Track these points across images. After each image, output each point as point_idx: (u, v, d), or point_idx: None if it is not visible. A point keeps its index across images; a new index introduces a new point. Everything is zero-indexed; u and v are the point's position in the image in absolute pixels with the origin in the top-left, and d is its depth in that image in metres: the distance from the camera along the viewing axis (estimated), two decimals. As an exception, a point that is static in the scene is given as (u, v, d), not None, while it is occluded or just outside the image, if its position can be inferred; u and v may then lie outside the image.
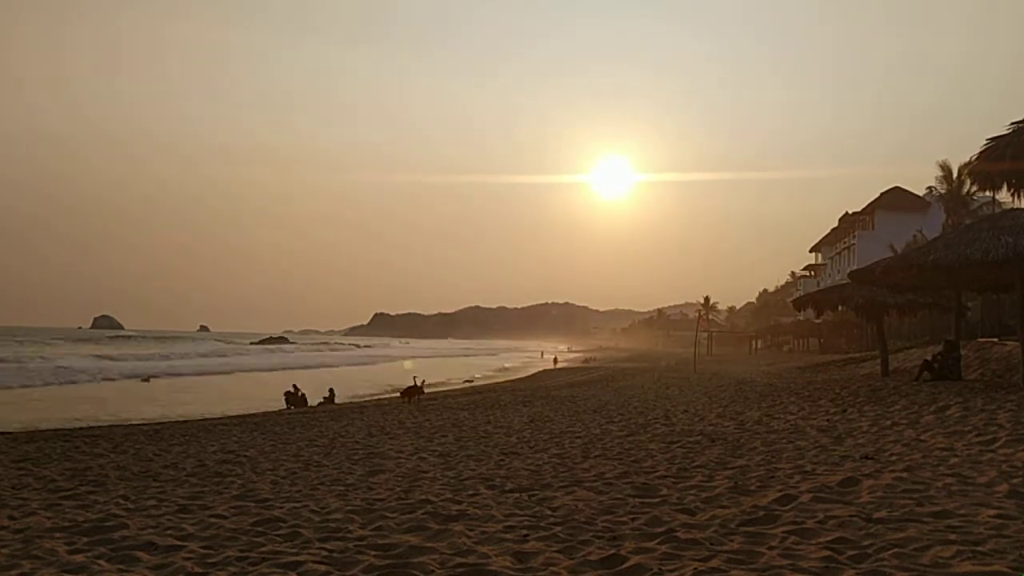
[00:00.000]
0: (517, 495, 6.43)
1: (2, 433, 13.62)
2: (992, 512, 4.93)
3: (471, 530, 5.19)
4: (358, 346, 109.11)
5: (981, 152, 19.03)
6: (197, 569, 4.46)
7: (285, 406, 20.82)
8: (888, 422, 10.11)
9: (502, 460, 8.60)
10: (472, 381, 34.47)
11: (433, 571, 4.28)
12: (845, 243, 65.61)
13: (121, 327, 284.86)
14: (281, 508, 6.18)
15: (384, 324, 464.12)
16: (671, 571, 4.09)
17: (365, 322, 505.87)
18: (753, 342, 74.79)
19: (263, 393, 25.30)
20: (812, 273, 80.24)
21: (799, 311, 30.90)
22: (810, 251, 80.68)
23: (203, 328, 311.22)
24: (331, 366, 49.70)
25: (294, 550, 4.83)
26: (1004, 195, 22.59)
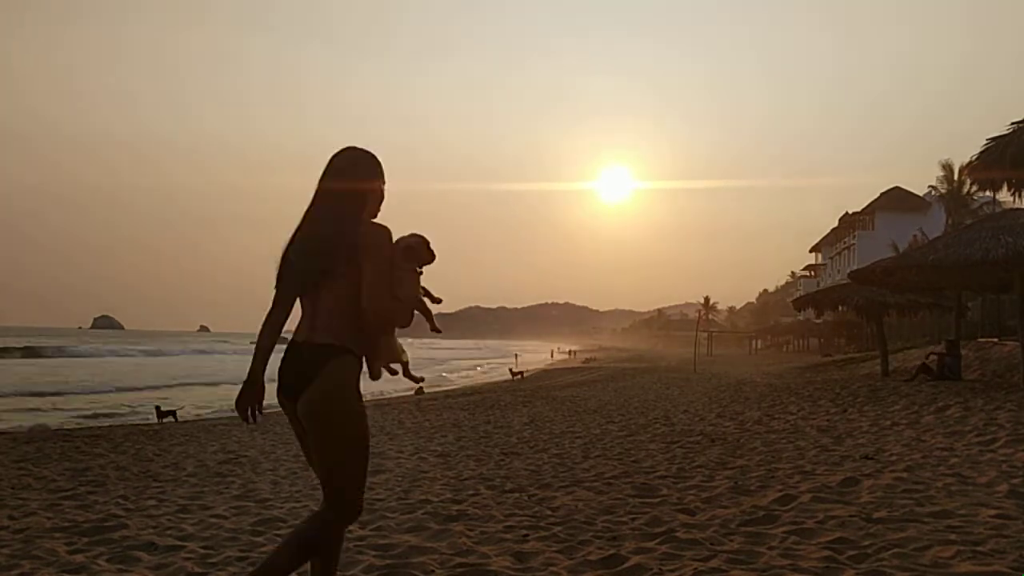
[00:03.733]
0: (517, 495, 6.43)
1: (2, 433, 13.63)
2: (992, 512, 4.93)
3: (471, 530, 5.18)
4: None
5: (981, 152, 19.00)
6: (197, 569, 4.46)
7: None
8: (888, 422, 10.11)
9: (502, 460, 8.60)
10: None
11: (433, 571, 4.28)
12: (845, 243, 65.60)
13: (121, 327, 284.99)
14: (281, 508, 6.17)
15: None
16: (671, 571, 4.09)
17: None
18: (753, 342, 74.76)
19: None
20: (812, 273, 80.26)
21: (799, 311, 30.88)
22: (810, 251, 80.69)
23: (203, 328, 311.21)
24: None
25: (294, 550, 4.82)
26: (1005, 195, 22.58)
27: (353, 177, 3.12)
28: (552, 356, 61.32)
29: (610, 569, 4.21)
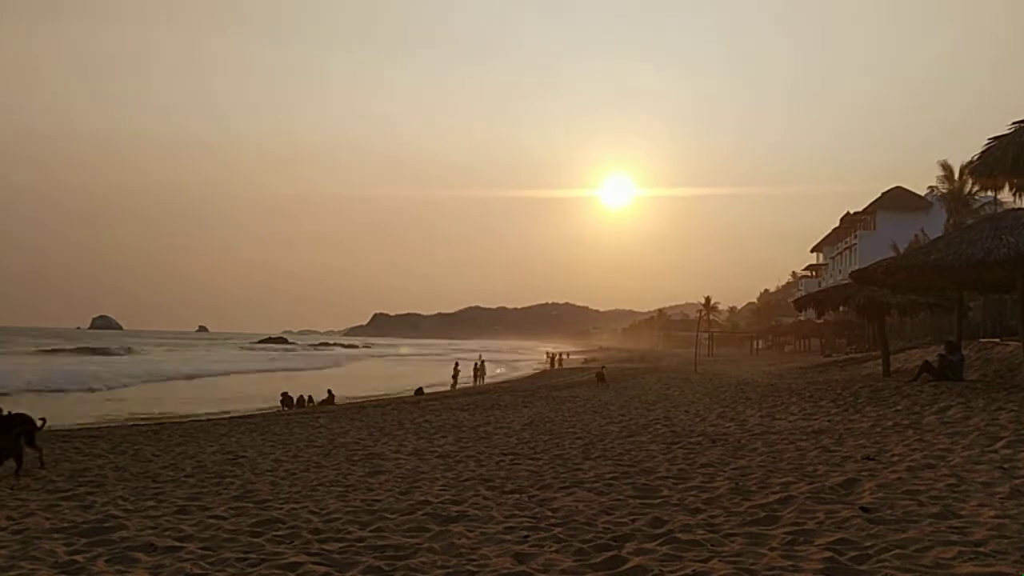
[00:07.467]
0: (517, 496, 6.41)
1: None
2: (993, 513, 4.91)
3: (471, 531, 5.17)
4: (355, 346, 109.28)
5: (982, 152, 18.95)
6: (196, 570, 4.44)
7: (280, 407, 20.80)
8: (889, 423, 10.08)
9: (502, 461, 8.58)
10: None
11: (432, 572, 4.26)
12: (846, 243, 65.47)
13: (120, 327, 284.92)
14: (280, 509, 6.16)
15: (383, 324, 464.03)
16: (672, 572, 4.07)
17: (364, 322, 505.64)
18: (754, 342, 74.67)
19: None
20: (813, 273, 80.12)
21: (800, 311, 30.83)
22: (811, 251, 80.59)
23: (202, 328, 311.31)
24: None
25: (293, 551, 4.81)
26: (1006, 195, 22.57)
27: None
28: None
29: (611, 570, 4.20)
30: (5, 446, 8.25)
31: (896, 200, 61.71)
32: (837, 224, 69.59)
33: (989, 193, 30.71)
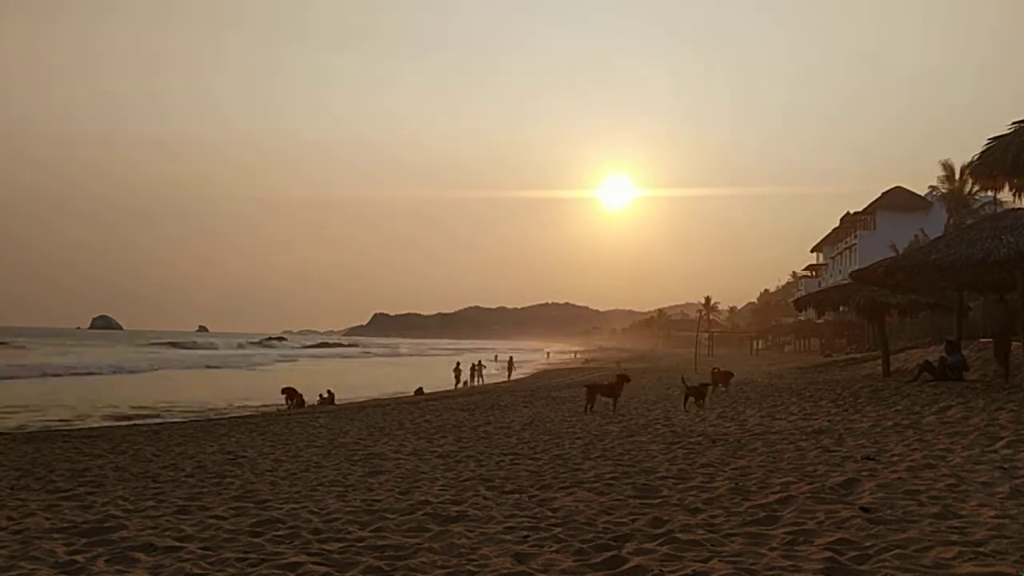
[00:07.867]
0: (517, 496, 6.41)
1: (1, 434, 13.62)
2: (993, 513, 4.91)
3: (471, 531, 5.17)
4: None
5: (982, 152, 18.95)
6: (196, 570, 4.44)
7: (285, 405, 20.84)
8: (889, 423, 10.08)
9: (502, 461, 8.58)
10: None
11: (432, 572, 4.26)
12: (846, 243, 65.50)
13: (120, 327, 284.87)
14: (280, 509, 6.16)
15: (383, 324, 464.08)
16: (672, 572, 4.07)
17: (364, 322, 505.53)
18: (754, 342, 74.72)
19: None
20: (813, 273, 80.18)
21: (800, 311, 30.86)
22: (811, 251, 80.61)
23: (202, 328, 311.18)
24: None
25: (293, 551, 4.81)
26: (1006, 195, 22.58)
27: None
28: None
29: (611, 570, 4.19)
30: None
31: (896, 200, 61.75)
32: (837, 224, 69.62)
33: (989, 193, 30.74)
